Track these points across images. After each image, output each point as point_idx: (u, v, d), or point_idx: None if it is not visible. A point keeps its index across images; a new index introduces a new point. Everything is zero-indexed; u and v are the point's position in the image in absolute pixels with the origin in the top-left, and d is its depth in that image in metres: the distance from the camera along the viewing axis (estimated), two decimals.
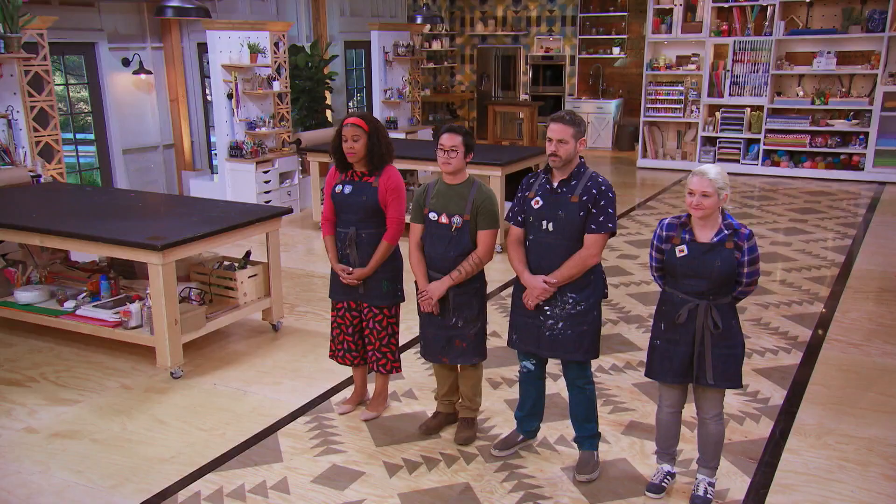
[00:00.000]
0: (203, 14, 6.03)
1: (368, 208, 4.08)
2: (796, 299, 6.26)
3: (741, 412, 4.39)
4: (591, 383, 3.79)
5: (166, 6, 5.72)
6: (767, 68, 11.68)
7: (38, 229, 5.04)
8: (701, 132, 12.32)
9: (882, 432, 4.16)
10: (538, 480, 3.75)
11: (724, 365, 3.33)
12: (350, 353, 4.37)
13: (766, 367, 4.99)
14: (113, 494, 3.66)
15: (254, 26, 9.49)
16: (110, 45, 9.86)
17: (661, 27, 12.43)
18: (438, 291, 3.85)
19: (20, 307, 5.51)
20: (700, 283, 3.29)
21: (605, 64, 15.12)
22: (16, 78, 7.16)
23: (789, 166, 11.83)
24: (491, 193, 3.88)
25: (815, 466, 3.84)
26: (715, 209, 3.24)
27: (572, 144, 3.53)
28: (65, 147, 9.62)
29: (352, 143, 4.02)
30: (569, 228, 3.55)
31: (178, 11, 5.75)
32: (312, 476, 3.80)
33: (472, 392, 4.13)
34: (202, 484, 3.74)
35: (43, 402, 4.64)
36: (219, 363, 5.18)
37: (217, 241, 5.03)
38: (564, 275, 3.55)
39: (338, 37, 13.40)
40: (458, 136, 3.83)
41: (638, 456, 3.95)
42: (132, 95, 10.26)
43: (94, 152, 9.88)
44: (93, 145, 9.86)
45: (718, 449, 3.54)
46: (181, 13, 5.82)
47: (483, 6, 16.29)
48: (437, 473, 3.82)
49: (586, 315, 3.61)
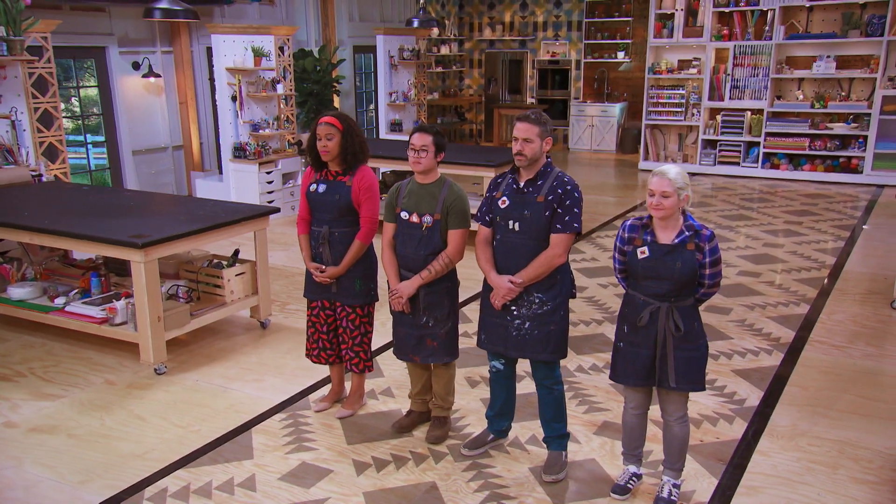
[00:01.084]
0: (192, 16, 6.10)
1: (342, 207, 4.13)
2: (783, 301, 6.25)
3: (716, 413, 4.39)
4: (560, 384, 3.81)
5: (154, 8, 5.80)
6: (767, 72, 11.65)
7: (23, 226, 5.14)
8: (702, 135, 12.30)
9: (855, 434, 4.15)
10: (505, 480, 3.77)
11: (686, 367, 3.34)
12: (325, 351, 4.42)
13: (746, 368, 4.99)
14: (81, 490, 3.72)
15: (258, 30, 9.60)
16: (120, 50, 10.02)
17: (663, 31, 12.42)
18: (408, 290, 3.89)
19: (12, 303, 5.61)
20: (661, 284, 3.30)
21: (610, 68, 15.13)
22: (20, 80, 7.28)
23: (789, 169, 11.79)
24: (462, 193, 3.91)
25: (783, 468, 3.84)
26: (675, 210, 3.26)
27: (538, 143, 3.56)
28: (77, 149, 9.83)
29: (325, 142, 4.07)
30: (534, 228, 3.58)
31: (166, 13, 5.83)
32: (280, 473, 3.84)
33: (444, 391, 4.17)
34: (170, 480, 3.79)
35: (27, 397, 4.72)
36: (204, 360, 5.25)
37: (200, 240, 5.09)
38: (530, 274, 3.58)
39: (347, 41, 13.51)
40: (429, 135, 3.86)
41: (608, 457, 3.97)
42: (142, 98, 10.41)
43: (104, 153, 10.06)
44: (103, 146, 10.03)
45: (683, 450, 3.55)
46: (169, 15, 5.89)
47: (491, 11, 16.35)
48: (404, 472, 3.85)
49: (553, 315, 3.64)
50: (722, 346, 5.34)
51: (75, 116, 9.84)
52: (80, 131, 9.94)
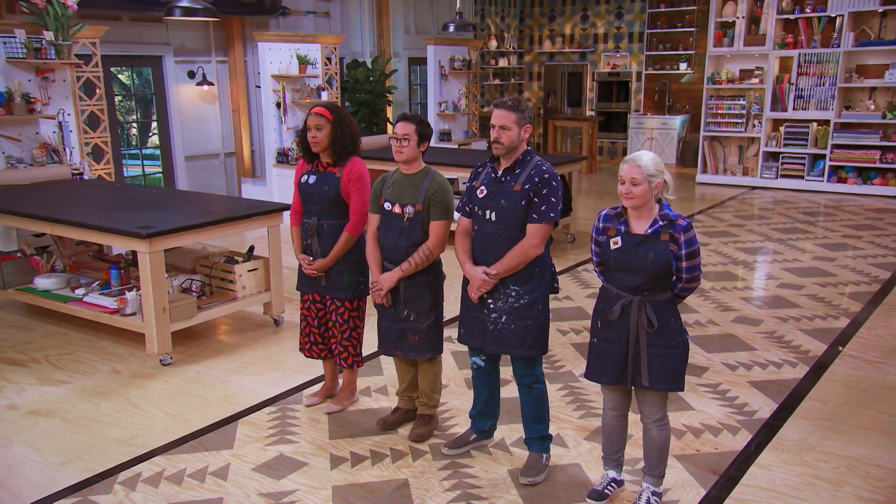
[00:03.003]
0: (210, 15, 6.22)
1: (331, 198, 4.08)
2: (821, 314, 5.86)
3: (720, 423, 4.12)
4: (541, 383, 3.65)
5: (175, 6, 5.94)
6: (835, 81, 11.09)
7: (37, 216, 5.31)
8: (763, 147, 11.81)
9: (869, 451, 3.81)
10: (480, 481, 3.62)
11: (660, 366, 3.13)
12: (317, 345, 4.37)
13: (763, 379, 4.68)
14: (59, 471, 3.75)
15: (304, 38, 9.77)
16: (176, 59, 10.39)
17: (724, 40, 12.03)
18: (389, 283, 3.80)
19: (38, 293, 5.80)
20: (634, 277, 3.11)
21: (672, 80, 14.74)
22: (68, 83, 7.59)
23: (857, 183, 11.17)
24: (444, 184, 3.81)
25: (781, 483, 3.55)
26: (646, 198, 3.06)
27: (515, 131, 3.43)
28: (132, 161, 10.22)
29: (315, 133, 4.04)
30: (511, 218, 3.44)
31: (185, 12, 5.97)
32: (255, 464, 3.79)
33: (429, 388, 4.05)
34: (147, 466, 3.79)
35: (34, 382, 4.83)
36: (210, 353, 5.28)
37: (207, 233, 5.14)
38: (505, 266, 3.44)
39: (402, 53, 13.62)
40: (412, 124, 3.78)
41: (593, 462, 3.76)
42: (196, 106, 10.74)
43: (159, 165, 10.46)
44: (158, 160, 10.42)
45: (664, 456, 3.33)
46: (189, 13, 6.03)
47: (551, 24, 16.21)
48: (379, 468, 3.74)
49: (530, 309, 3.48)
50: (743, 357, 5.04)
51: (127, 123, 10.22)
52: (134, 144, 10.37)
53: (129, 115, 10.61)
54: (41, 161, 7.16)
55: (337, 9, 12.30)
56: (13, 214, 5.53)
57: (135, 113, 10.56)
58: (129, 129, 10.70)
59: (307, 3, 11.71)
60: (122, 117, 10.55)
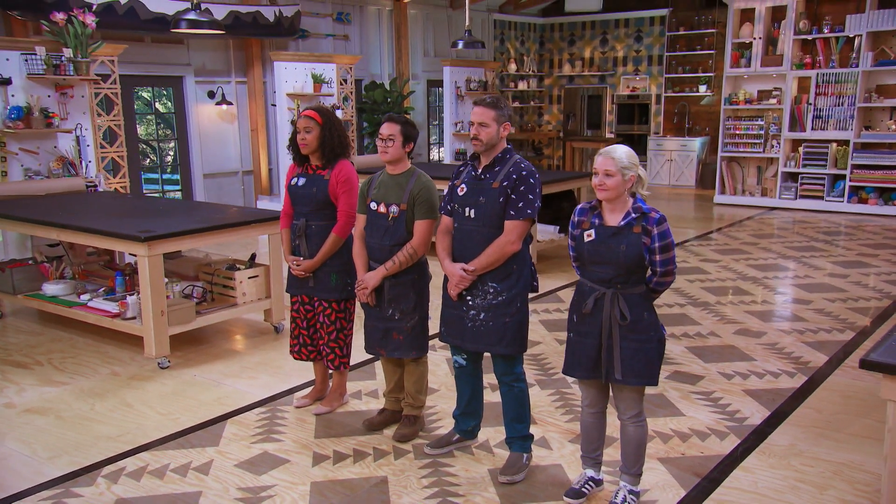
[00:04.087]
0: (217, 27, 6.39)
1: (319, 200, 4.14)
2: (826, 327, 5.76)
3: (709, 429, 4.06)
4: (522, 381, 3.64)
5: (182, 19, 6.11)
6: (853, 101, 10.99)
7: (41, 221, 5.47)
8: (782, 168, 11.70)
9: (860, 458, 3.72)
10: (459, 479, 3.60)
11: (632, 359, 3.10)
12: (306, 347, 4.40)
13: (759, 388, 4.60)
14: (46, 465, 3.81)
15: (320, 58, 9.97)
16: (196, 79, 10.63)
17: (741, 61, 12.00)
18: (373, 281, 3.83)
19: (46, 298, 5.92)
20: (607, 269, 3.11)
21: (692, 102, 14.70)
22: (86, 99, 7.80)
23: (878, 203, 10.99)
24: (429, 183, 3.85)
25: (764, 486, 3.48)
26: (619, 190, 3.07)
27: (494, 128, 3.47)
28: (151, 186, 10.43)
29: (304, 135, 4.11)
30: (489, 215, 3.47)
31: (191, 24, 6.13)
32: (238, 461, 3.81)
33: (414, 389, 4.05)
34: (131, 461, 3.83)
35: (35, 383, 4.92)
36: (209, 358, 5.34)
37: (205, 238, 5.23)
38: (483, 262, 3.45)
39: (421, 75, 13.79)
40: (396, 125, 3.84)
41: (575, 463, 3.71)
42: (216, 125, 10.96)
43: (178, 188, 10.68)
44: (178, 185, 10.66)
45: (640, 454, 3.29)
46: (194, 26, 6.20)
47: (571, 48, 16.31)
48: (360, 466, 3.75)
49: (508, 306, 3.49)
50: (741, 366, 4.97)
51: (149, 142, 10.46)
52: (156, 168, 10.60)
53: (168, 143, 10.84)
54: (57, 173, 7.34)
55: (356, 32, 12.52)
56: (21, 220, 5.67)
57: (172, 140, 10.75)
58: (164, 155, 10.94)
59: (327, 26, 11.95)
60: (158, 145, 10.81)
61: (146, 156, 10.74)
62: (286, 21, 10.19)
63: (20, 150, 7.23)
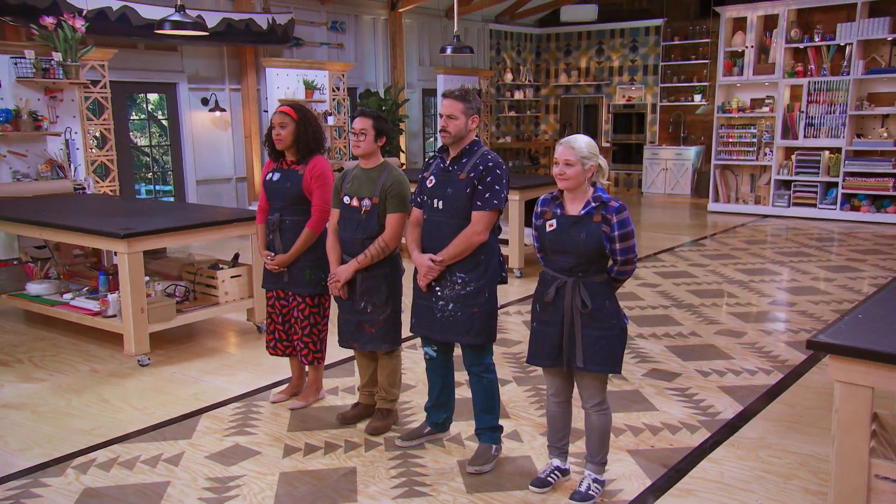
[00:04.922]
0: (201, 28, 6.44)
1: (293, 195, 4.17)
2: (807, 327, 5.76)
3: (681, 423, 4.06)
4: (491, 372, 3.65)
5: (166, 20, 6.17)
6: (845, 109, 11.02)
7: (23, 220, 5.50)
8: (775, 175, 11.71)
9: (826, 450, 3.69)
10: (427, 470, 3.61)
11: (594, 347, 3.11)
12: (281, 342, 4.42)
13: (734, 385, 4.60)
14: (17, 457, 3.83)
15: (312, 65, 10.04)
16: (190, 86, 10.71)
17: (733, 70, 12.05)
18: (345, 274, 3.85)
19: (29, 297, 5.95)
20: (568, 258, 3.13)
21: (687, 111, 14.74)
22: (76, 103, 7.87)
23: (871, 211, 10.99)
24: (401, 177, 3.87)
25: (730, 476, 3.48)
26: (579, 180, 3.09)
27: (462, 120, 3.51)
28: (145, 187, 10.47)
29: (279, 130, 4.15)
30: (456, 206, 3.49)
31: (175, 25, 6.19)
32: (210, 453, 3.82)
33: (387, 382, 4.06)
34: (102, 453, 3.84)
35: (14, 380, 4.94)
36: (189, 356, 5.35)
37: (184, 237, 5.26)
38: (450, 253, 3.48)
39: (416, 84, 13.87)
40: (369, 119, 3.87)
41: (544, 455, 3.71)
42: (209, 132, 11.03)
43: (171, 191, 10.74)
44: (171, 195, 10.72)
45: (604, 443, 3.29)
46: (178, 27, 6.25)
47: (567, 58, 16.39)
48: (330, 458, 3.76)
49: (476, 297, 3.51)
50: (719, 364, 4.97)
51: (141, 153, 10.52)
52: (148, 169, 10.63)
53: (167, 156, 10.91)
54: (46, 176, 7.39)
55: (351, 40, 12.60)
56: (4, 220, 5.71)
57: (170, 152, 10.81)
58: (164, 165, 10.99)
59: (322, 35, 12.03)
60: (161, 157, 10.86)
61: (149, 168, 10.79)
62: (279, 29, 10.28)
63: (9, 153, 7.28)
